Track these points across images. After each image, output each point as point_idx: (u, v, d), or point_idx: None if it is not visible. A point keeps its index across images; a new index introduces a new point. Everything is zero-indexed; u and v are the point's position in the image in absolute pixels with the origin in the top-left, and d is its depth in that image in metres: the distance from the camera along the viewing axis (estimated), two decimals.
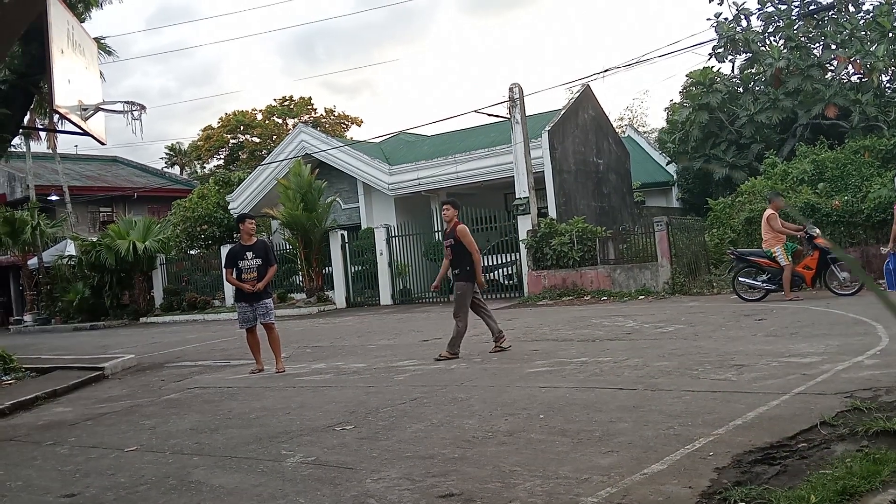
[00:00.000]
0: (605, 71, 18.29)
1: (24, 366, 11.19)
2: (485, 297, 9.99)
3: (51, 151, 31.43)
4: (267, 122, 48.90)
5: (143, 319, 24.37)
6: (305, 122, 39.86)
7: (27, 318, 27.35)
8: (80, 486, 4.77)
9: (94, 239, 26.71)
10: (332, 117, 50.18)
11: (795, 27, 24.88)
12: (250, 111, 49.25)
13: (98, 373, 10.44)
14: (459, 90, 79.81)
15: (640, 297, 15.57)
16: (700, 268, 17.30)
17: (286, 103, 49.30)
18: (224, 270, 10.47)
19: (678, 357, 7.45)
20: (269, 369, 9.32)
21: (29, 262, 27.90)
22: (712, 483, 3.66)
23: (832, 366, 6.22)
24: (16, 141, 13.72)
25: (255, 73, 78.85)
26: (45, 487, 4.84)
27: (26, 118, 11.91)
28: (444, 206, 9.59)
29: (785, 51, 24.34)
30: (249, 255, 9.28)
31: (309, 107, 49.63)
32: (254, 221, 9.94)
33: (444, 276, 9.79)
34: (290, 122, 47.57)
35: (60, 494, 4.62)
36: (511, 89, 18.47)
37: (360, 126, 51.37)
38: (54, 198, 30.51)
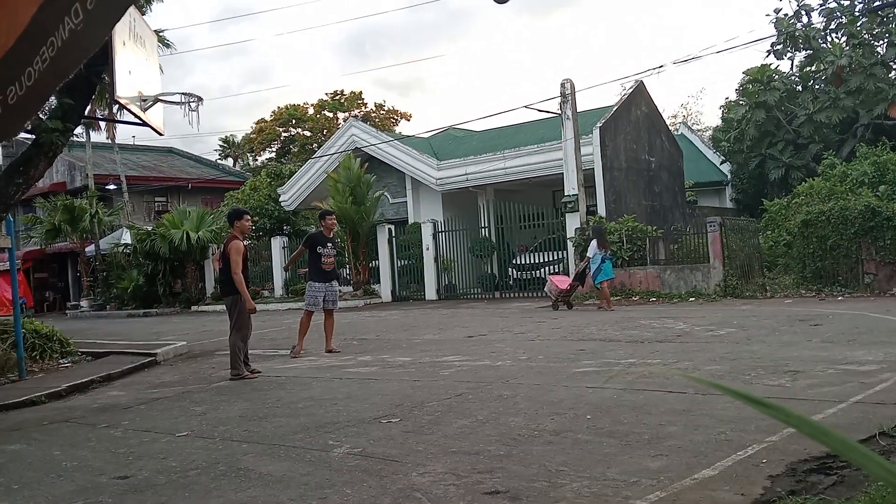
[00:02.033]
0: (660, 67, 18.04)
1: (81, 350, 11.53)
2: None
3: (109, 141, 32.31)
4: (318, 115, 49.44)
5: (194, 308, 24.89)
6: (356, 117, 40.19)
7: (83, 303, 28.20)
8: (133, 468, 4.88)
9: (149, 228, 27.40)
10: (381, 112, 50.47)
11: (858, 24, 24.12)
12: (302, 105, 49.85)
13: (151, 359, 10.69)
14: (510, 86, 79.51)
15: (691, 299, 15.31)
16: (753, 270, 16.92)
17: (337, 97, 49.75)
18: (299, 248, 11.08)
19: (730, 361, 7.29)
20: (310, 356, 9.43)
21: (86, 249, 28.75)
22: (765, 491, 3.57)
23: (892, 374, 6.01)
24: (77, 130, 14.12)
25: (309, 69, 79.76)
26: (99, 468, 4.97)
27: (87, 108, 12.22)
28: (331, 217, 10.53)
29: (847, 48, 23.62)
30: (330, 245, 10.21)
31: (359, 101, 50.00)
32: (334, 218, 10.85)
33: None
34: (341, 116, 48.00)
35: (114, 476, 4.73)
36: (563, 85, 18.31)
37: (409, 121, 51.60)
38: (112, 187, 31.38)
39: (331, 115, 49.49)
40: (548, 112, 19.47)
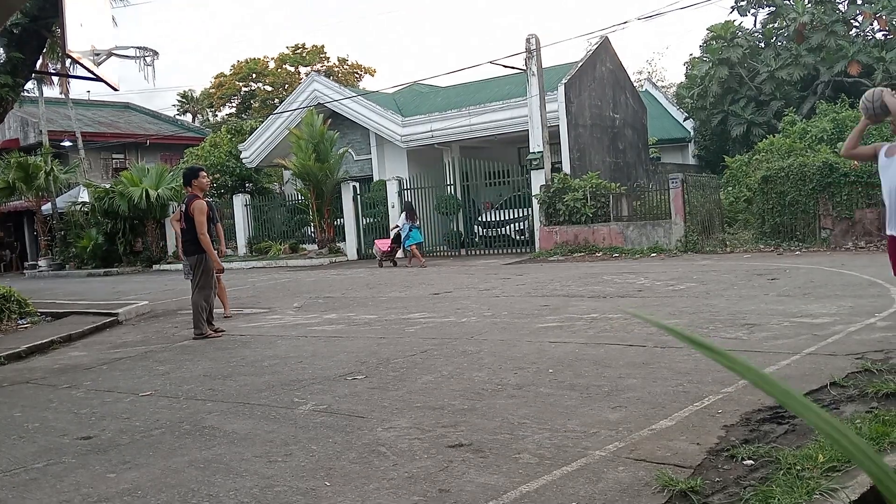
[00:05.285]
0: (625, 23, 17.96)
1: (40, 310, 11.34)
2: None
3: (63, 97, 31.31)
4: (279, 70, 48.41)
5: (155, 267, 24.57)
6: (318, 72, 39.47)
7: (42, 263, 27.64)
8: (96, 428, 4.86)
9: (108, 185, 26.80)
10: (345, 67, 49.59)
11: None
12: (262, 59, 48.73)
13: (112, 318, 10.56)
14: (476, 41, 78.59)
15: (653, 255, 15.53)
16: (714, 226, 17.20)
17: (298, 51, 48.71)
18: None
19: (689, 315, 7.45)
20: (275, 314, 9.41)
21: (42, 208, 28.08)
22: (720, 440, 3.68)
23: (844, 327, 6.20)
24: (28, 85, 13.68)
25: (270, 23, 77.86)
26: (62, 429, 4.93)
27: (39, 62, 11.81)
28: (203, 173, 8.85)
29: (809, 5, 23.76)
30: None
31: (322, 55, 49.02)
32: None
33: None
34: (303, 70, 47.07)
35: (77, 436, 4.71)
36: (528, 40, 18.16)
37: (373, 76, 50.80)
38: (67, 143, 30.51)
39: (292, 69, 48.49)
40: (513, 68, 19.34)
